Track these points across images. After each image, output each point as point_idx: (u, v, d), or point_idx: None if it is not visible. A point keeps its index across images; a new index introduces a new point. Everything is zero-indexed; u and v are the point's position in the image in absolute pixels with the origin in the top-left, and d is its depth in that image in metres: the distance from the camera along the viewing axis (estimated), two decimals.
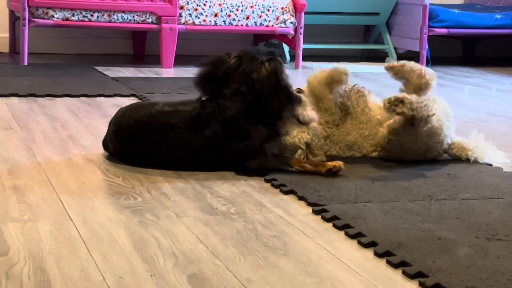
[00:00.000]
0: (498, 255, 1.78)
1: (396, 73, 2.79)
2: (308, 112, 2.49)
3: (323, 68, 2.66)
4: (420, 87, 2.72)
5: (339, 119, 2.63)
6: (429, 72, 2.74)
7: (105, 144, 2.64)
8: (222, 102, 2.50)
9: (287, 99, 2.47)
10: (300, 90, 2.61)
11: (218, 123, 2.47)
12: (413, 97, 2.52)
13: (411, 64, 2.74)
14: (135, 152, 2.54)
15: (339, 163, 2.47)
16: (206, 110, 2.51)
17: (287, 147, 2.50)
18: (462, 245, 1.84)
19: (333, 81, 2.58)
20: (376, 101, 2.76)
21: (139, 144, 2.53)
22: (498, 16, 5.91)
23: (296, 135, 2.48)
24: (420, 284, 1.61)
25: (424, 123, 2.53)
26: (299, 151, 2.48)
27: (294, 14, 5.40)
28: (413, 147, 2.60)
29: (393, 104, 2.50)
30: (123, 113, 2.60)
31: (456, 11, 5.85)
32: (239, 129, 2.47)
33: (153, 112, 2.54)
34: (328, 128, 2.60)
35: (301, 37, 5.41)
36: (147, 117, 2.53)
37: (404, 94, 2.54)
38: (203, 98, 2.58)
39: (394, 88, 4.42)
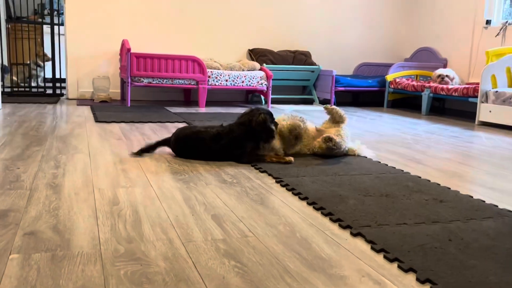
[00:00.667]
0: (369, 204, 1.79)
1: (329, 112, 2.78)
2: (274, 142, 2.51)
3: (286, 115, 2.66)
4: (338, 122, 2.74)
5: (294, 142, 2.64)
6: (345, 116, 2.76)
7: (168, 145, 2.62)
8: (233, 127, 2.50)
9: (270, 135, 2.47)
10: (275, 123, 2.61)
11: (227, 139, 2.46)
12: (337, 138, 2.57)
13: (338, 109, 2.76)
14: (185, 151, 2.52)
15: (290, 158, 2.47)
16: (224, 131, 2.50)
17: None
18: (351, 198, 1.85)
19: (292, 128, 2.58)
20: (311, 124, 2.75)
21: (187, 147, 2.51)
22: (370, 81, 5.93)
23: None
24: (330, 219, 1.62)
25: (337, 150, 2.58)
26: (271, 154, 2.49)
27: (266, 80, 5.39)
28: (330, 154, 2.60)
29: (326, 140, 2.55)
30: (179, 130, 2.58)
31: (349, 78, 5.87)
32: (239, 143, 2.46)
33: (194, 131, 2.53)
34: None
35: (270, 91, 5.41)
36: (191, 133, 2.52)
37: (332, 135, 2.57)
38: (223, 124, 2.58)
39: (318, 118, 4.41)
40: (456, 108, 5.91)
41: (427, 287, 1.16)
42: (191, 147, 2.50)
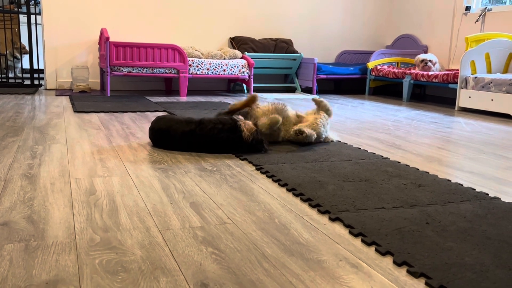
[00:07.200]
0: (348, 189, 1.79)
1: (316, 103, 2.72)
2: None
3: (267, 105, 2.63)
4: (323, 112, 2.70)
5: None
6: (331, 110, 2.73)
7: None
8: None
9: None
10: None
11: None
12: (307, 130, 2.53)
13: (325, 102, 2.71)
14: (161, 139, 2.45)
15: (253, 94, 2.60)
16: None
17: None
18: (330, 184, 1.84)
19: (272, 125, 2.54)
20: (291, 111, 2.71)
21: (163, 135, 2.43)
22: (351, 68, 5.94)
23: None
24: (309, 204, 1.62)
25: (309, 140, 2.56)
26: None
27: (248, 68, 5.37)
28: (303, 142, 2.59)
29: (297, 133, 2.52)
30: (156, 120, 2.52)
31: (330, 66, 5.87)
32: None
33: (167, 118, 2.46)
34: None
35: (252, 80, 5.38)
36: (166, 122, 2.45)
37: (304, 128, 2.53)
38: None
39: (301, 106, 4.41)
40: (436, 94, 5.96)
41: (403, 269, 1.16)
42: (168, 134, 2.40)
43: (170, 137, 2.40)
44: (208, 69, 5.19)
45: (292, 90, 6.21)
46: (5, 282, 1.04)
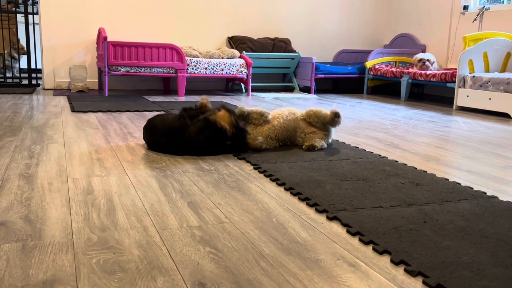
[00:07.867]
0: (346, 188, 1.79)
1: (331, 118, 2.53)
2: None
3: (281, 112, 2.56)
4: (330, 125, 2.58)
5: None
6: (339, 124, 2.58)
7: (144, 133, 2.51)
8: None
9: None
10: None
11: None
12: (318, 143, 2.45)
13: (340, 121, 2.54)
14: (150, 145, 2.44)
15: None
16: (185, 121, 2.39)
17: None
18: (328, 183, 1.84)
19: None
20: (302, 124, 2.59)
21: (154, 134, 2.42)
22: (349, 68, 5.94)
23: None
24: (307, 204, 1.61)
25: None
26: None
27: (246, 68, 5.36)
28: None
29: (310, 148, 2.44)
30: (152, 119, 2.50)
31: (328, 65, 5.87)
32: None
33: (162, 118, 2.45)
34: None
35: (250, 79, 5.38)
36: (160, 122, 2.43)
37: (316, 143, 2.45)
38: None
39: (299, 106, 4.41)
40: (434, 93, 5.96)
41: (401, 268, 1.16)
42: (160, 134, 2.37)
43: (156, 145, 2.39)
44: (206, 69, 5.18)
45: (290, 89, 6.21)
46: (2, 282, 1.03)
